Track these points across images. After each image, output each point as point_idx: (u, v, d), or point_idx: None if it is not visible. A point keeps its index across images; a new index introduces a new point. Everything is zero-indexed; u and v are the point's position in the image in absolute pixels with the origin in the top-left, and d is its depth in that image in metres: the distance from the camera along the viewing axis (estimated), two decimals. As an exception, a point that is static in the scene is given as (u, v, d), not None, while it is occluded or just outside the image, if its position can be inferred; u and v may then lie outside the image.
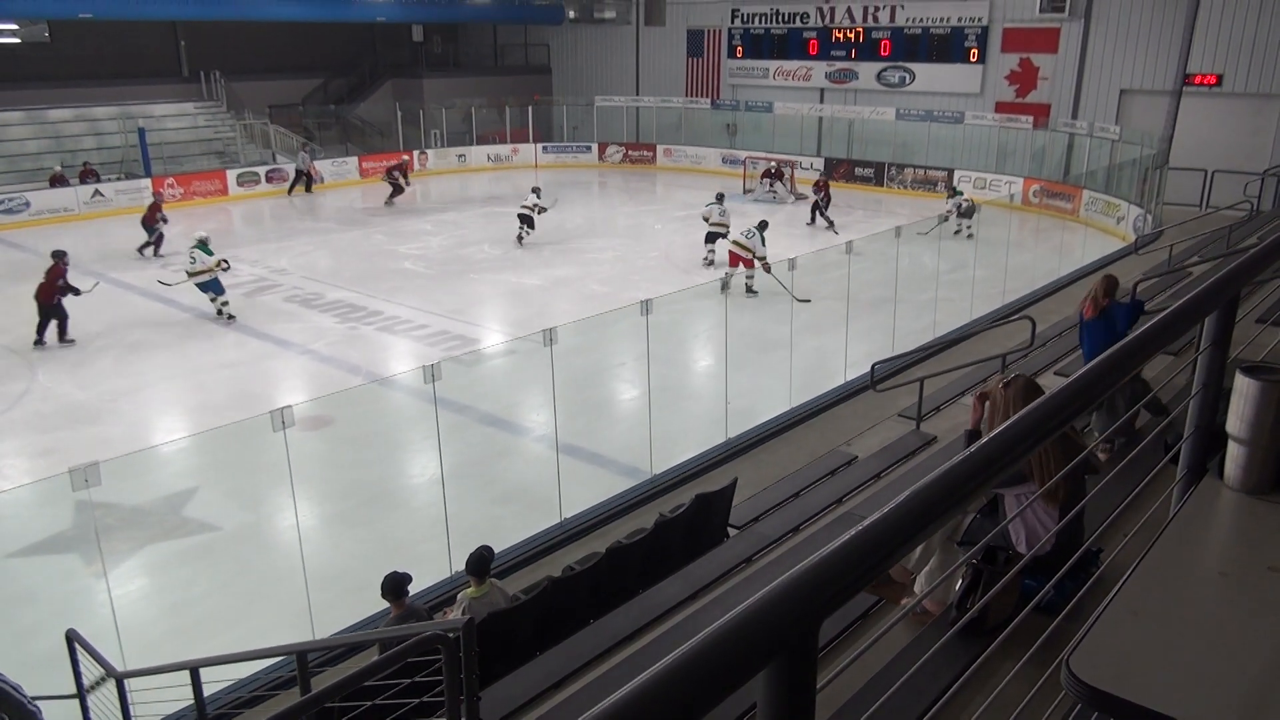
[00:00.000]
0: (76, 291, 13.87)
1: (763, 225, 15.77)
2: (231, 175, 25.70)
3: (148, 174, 24.58)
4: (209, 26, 28.76)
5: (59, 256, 14.25)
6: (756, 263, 15.25)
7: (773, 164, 25.74)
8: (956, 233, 19.14)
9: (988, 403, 3.78)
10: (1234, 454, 2.53)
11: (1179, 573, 2.21)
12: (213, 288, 14.88)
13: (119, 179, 24.14)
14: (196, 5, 25.99)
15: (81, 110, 26.62)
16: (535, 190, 20.20)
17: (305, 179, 26.31)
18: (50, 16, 25.79)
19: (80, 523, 8.38)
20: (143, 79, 28.32)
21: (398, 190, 24.63)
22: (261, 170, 26.41)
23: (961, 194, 21.00)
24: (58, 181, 23.02)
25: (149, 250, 18.98)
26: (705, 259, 17.73)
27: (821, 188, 21.88)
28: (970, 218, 19.24)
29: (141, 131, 25.32)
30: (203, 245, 14.98)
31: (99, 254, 18.97)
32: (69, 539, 8.48)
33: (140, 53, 28.81)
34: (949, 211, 19.50)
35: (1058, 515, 3.32)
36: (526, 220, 19.55)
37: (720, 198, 18.12)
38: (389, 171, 25.14)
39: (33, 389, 12.14)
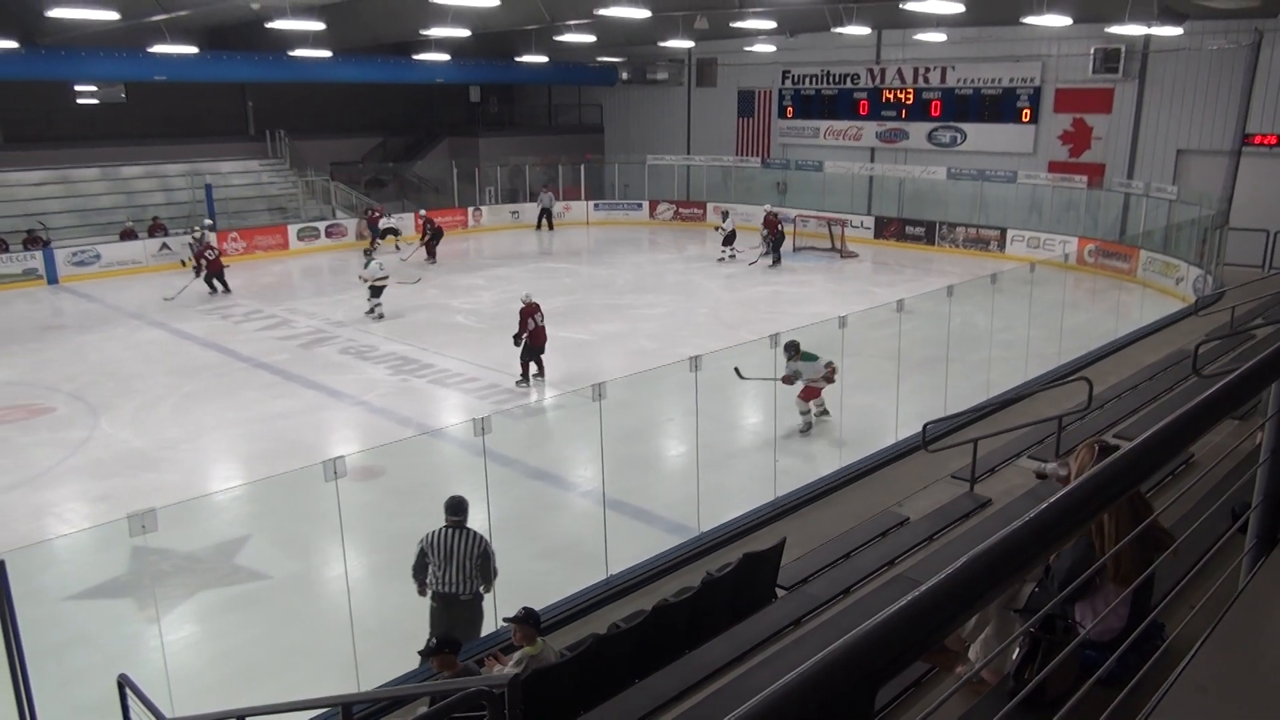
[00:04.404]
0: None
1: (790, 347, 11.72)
2: (292, 230, 26.51)
3: (213, 229, 25.38)
4: (275, 88, 29.87)
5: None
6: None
7: (730, 224, 24.84)
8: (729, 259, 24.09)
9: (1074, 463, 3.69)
10: (1305, 524, 2.45)
11: (1249, 649, 2.13)
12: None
13: (185, 233, 24.95)
14: (264, 68, 27.00)
15: (153, 167, 27.68)
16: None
17: (547, 215, 30.07)
18: (127, 79, 27.01)
19: (135, 568, 8.52)
20: (211, 138, 29.47)
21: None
22: (321, 225, 27.16)
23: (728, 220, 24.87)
24: (127, 235, 23.90)
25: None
26: (375, 312, 18.37)
27: (773, 226, 23.86)
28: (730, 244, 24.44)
29: (208, 188, 26.23)
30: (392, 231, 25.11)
31: (161, 304, 19.55)
32: (124, 584, 8.62)
33: (210, 113, 30.01)
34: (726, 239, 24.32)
35: (1123, 587, 3.21)
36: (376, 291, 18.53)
37: (367, 252, 19.67)
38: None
39: (94, 436, 12.46)
